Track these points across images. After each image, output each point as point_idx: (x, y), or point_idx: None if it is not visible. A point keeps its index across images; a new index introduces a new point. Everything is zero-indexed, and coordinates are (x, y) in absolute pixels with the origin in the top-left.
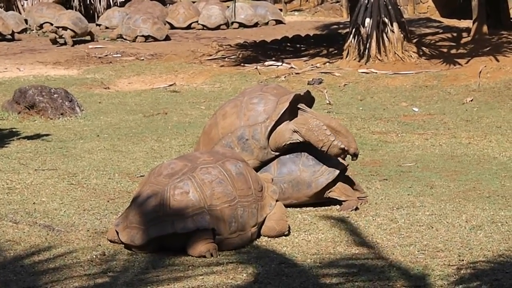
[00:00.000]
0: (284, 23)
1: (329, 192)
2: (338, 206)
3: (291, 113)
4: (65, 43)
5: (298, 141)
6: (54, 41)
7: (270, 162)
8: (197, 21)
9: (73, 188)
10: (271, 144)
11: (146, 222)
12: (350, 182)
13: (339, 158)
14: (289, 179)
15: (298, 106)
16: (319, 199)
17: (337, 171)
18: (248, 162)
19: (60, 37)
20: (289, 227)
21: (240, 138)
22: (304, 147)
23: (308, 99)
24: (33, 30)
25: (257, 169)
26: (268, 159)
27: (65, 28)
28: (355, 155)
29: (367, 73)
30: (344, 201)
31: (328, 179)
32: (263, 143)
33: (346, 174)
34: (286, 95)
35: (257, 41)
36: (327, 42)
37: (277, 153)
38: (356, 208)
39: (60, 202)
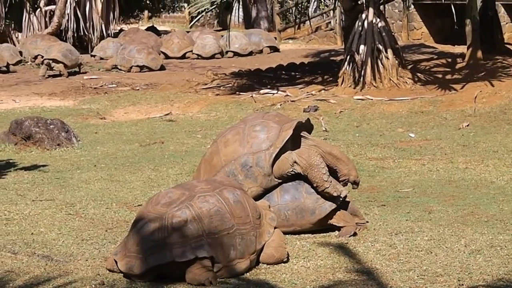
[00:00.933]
0: (279, 51)
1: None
2: (336, 232)
3: (293, 140)
4: (55, 75)
5: (297, 172)
6: (43, 75)
7: (273, 189)
8: (191, 51)
9: (71, 218)
10: (275, 172)
11: (145, 251)
12: (351, 208)
13: (340, 185)
14: (293, 206)
15: (301, 134)
16: (322, 226)
17: (340, 198)
18: (252, 189)
19: (51, 69)
20: (288, 254)
21: (244, 166)
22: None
23: (308, 127)
24: (28, 62)
25: (260, 196)
26: (271, 186)
27: (55, 61)
28: (355, 183)
29: (362, 99)
30: (342, 227)
31: (332, 205)
32: (267, 170)
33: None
34: (288, 122)
35: (252, 70)
36: (322, 70)
37: (280, 180)
38: (354, 234)
39: (58, 232)
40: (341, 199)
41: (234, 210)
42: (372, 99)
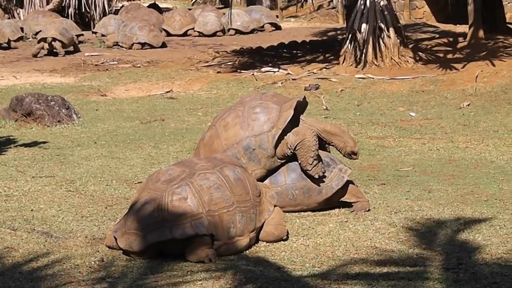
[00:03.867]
0: (280, 28)
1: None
2: (336, 210)
3: (292, 120)
4: (51, 54)
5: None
6: (36, 54)
7: (277, 170)
8: (193, 28)
9: (71, 195)
10: (278, 153)
11: (144, 228)
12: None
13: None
14: (300, 185)
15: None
16: (328, 205)
17: (346, 177)
18: (256, 171)
19: (52, 47)
20: (287, 232)
21: (247, 149)
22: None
23: (304, 105)
24: (29, 38)
25: (264, 177)
26: (275, 167)
27: (53, 39)
28: (354, 153)
29: (363, 78)
30: (354, 202)
31: (338, 184)
32: (271, 152)
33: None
34: (287, 102)
35: (254, 48)
36: (324, 48)
37: (283, 161)
38: (368, 210)
39: (58, 209)
40: (323, 180)
41: (234, 188)
42: (373, 78)
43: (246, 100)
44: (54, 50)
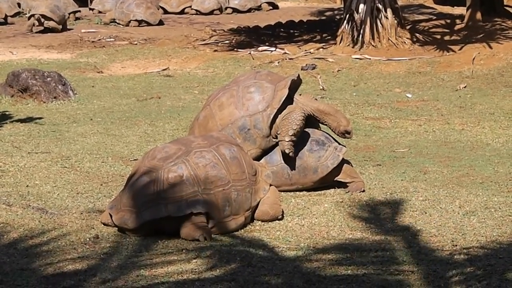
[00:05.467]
0: (278, 8)
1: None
2: (332, 190)
3: (287, 99)
4: (43, 31)
5: None
6: (30, 30)
7: (272, 149)
8: (190, 6)
9: (66, 171)
10: (273, 132)
11: (140, 205)
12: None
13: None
14: (296, 165)
15: (293, 92)
16: (323, 184)
17: (341, 155)
18: (251, 151)
19: (41, 24)
20: (282, 211)
21: (242, 129)
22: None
23: (298, 83)
24: (26, 14)
25: (260, 157)
26: (270, 146)
27: (44, 16)
28: (347, 132)
29: (360, 59)
30: (349, 182)
31: (333, 163)
32: (266, 132)
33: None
34: (281, 81)
35: (251, 27)
36: (321, 28)
37: (278, 140)
38: (363, 190)
39: (53, 185)
40: (289, 158)
41: (230, 166)
42: (370, 59)
43: (240, 79)
44: (44, 27)
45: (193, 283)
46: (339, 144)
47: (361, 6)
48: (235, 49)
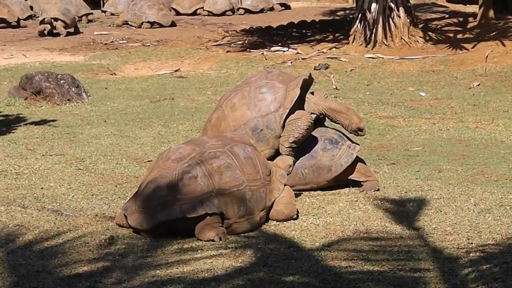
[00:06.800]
0: (290, 8)
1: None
2: (346, 190)
3: (299, 99)
4: (53, 35)
5: None
6: (41, 33)
7: None
8: (202, 7)
9: (81, 173)
10: None
11: (155, 207)
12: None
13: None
14: (309, 164)
15: (306, 91)
16: (337, 182)
17: (355, 154)
18: (264, 152)
19: (53, 27)
20: (297, 211)
21: (254, 129)
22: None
23: (309, 82)
24: (38, 17)
25: (273, 157)
26: None
27: (55, 19)
28: (360, 130)
29: (373, 58)
30: (364, 181)
31: (347, 162)
32: (278, 132)
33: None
34: (293, 80)
35: (263, 27)
36: (333, 28)
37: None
38: (378, 189)
39: (68, 187)
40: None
41: (244, 167)
42: (383, 58)
43: (252, 80)
44: (54, 31)
45: (209, 283)
46: (353, 142)
47: (374, 5)
48: (248, 50)
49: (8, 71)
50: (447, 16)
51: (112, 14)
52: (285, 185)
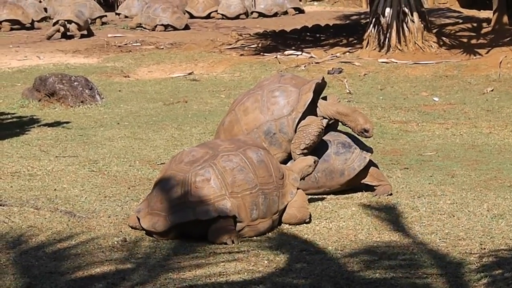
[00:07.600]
0: (304, 12)
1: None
2: (359, 194)
3: (311, 103)
4: (67, 37)
5: None
6: (51, 35)
7: None
8: (216, 11)
9: (94, 175)
10: None
11: (168, 209)
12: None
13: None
14: (322, 168)
15: (319, 95)
16: (350, 186)
17: (368, 157)
18: (277, 155)
19: (67, 30)
20: (310, 214)
21: (267, 133)
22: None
23: (322, 86)
24: (52, 18)
25: (286, 160)
26: None
27: (69, 22)
28: (365, 131)
29: (387, 63)
30: (377, 186)
31: (360, 166)
32: (291, 136)
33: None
34: (306, 84)
35: (277, 31)
36: (347, 32)
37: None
38: (390, 194)
39: (81, 188)
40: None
41: (257, 170)
42: (396, 62)
43: (265, 84)
44: (68, 33)
45: (221, 286)
46: (366, 146)
47: (387, 10)
48: (261, 53)
49: (22, 72)
50: (461, 21)
51: (126, 17)
52: (298, 188)
